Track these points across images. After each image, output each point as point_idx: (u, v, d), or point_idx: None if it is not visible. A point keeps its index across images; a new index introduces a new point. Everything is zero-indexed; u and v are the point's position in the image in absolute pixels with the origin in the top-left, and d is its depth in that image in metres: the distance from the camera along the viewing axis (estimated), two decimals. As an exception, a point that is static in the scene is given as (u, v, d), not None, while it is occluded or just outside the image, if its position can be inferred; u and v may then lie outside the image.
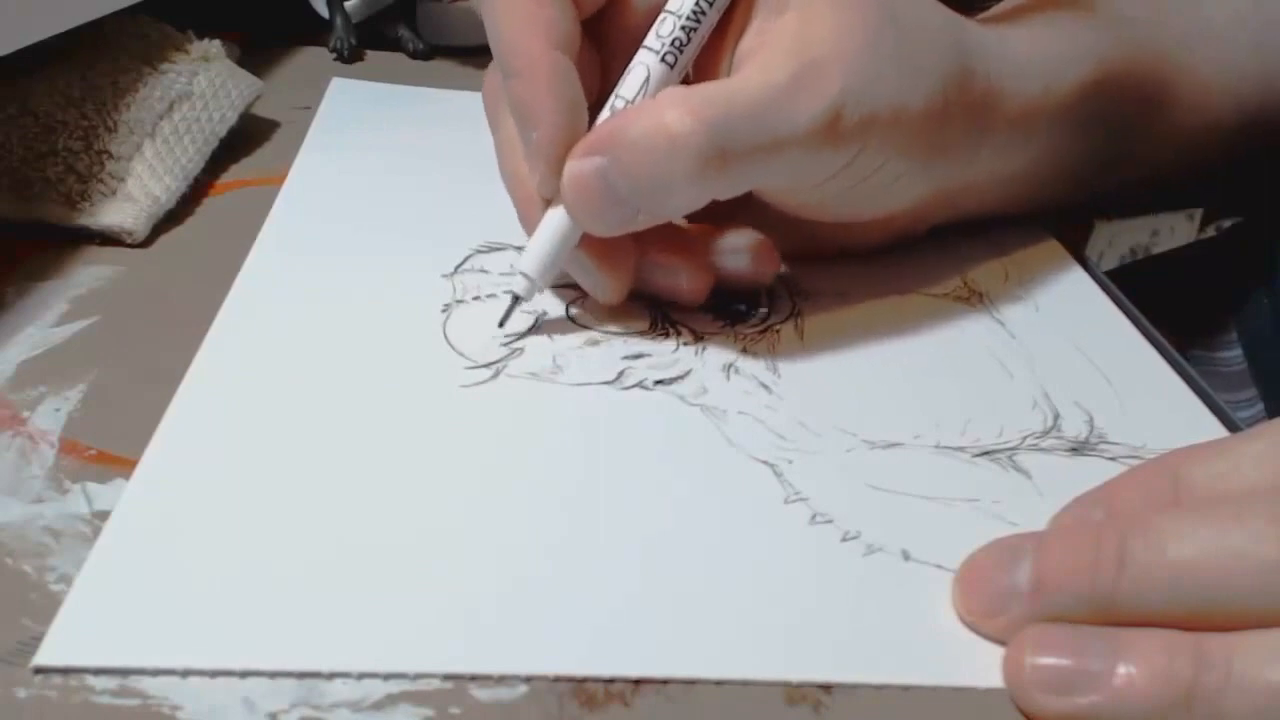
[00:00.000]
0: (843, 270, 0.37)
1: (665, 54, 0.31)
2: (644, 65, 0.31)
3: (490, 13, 0.31)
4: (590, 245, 0.32)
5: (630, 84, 0.31)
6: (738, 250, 0.34)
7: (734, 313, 0.34)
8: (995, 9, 0.39)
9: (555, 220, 0.31)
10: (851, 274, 0.37)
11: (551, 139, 0.30)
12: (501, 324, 0.32)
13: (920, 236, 0.38)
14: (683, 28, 0.31)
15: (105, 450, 0.27)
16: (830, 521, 0.27)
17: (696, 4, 0.31)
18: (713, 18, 0.31)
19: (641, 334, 0.33)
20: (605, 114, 0.31)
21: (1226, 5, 0.41)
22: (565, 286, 0.35)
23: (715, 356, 0.32)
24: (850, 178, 0.32)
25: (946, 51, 0.33)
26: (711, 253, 0.34)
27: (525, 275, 0.31)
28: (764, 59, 0.30)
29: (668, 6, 0.31)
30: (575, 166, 0.30)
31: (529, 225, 0.33)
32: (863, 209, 0.35)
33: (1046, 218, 0.41)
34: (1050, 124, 0.36)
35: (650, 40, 0.31)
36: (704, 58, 0.32)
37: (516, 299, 0.32)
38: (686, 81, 0.32)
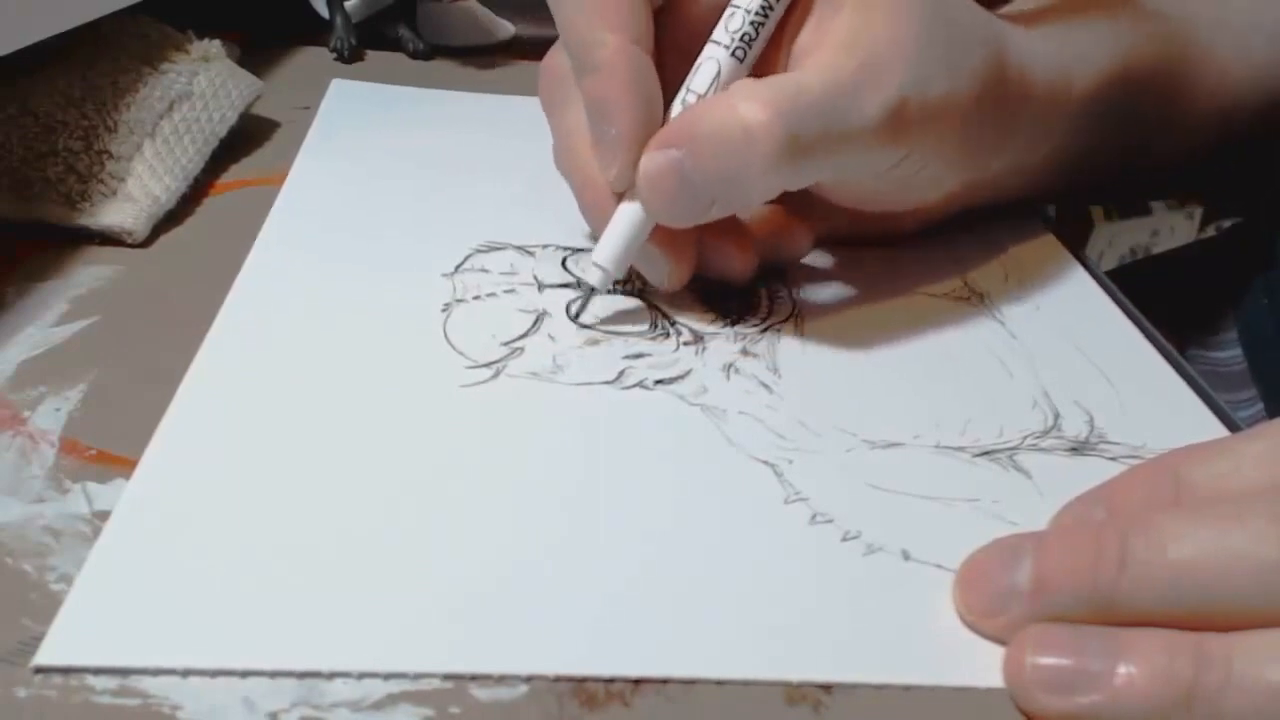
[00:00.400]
0: (843, 270, 0.37)
1: (735, 49, 0.31)
2: (714, 60, 0.31)
3: (562, 4, 0.31)
4: (658, 235, 0.32)
5: (701, 78, 0.31)
6: (778, 231, 0.35)
7: (734, 312, 0.34)
8: (1019, 3, 0.39)
9: (629, 213, 0.32)
10: (852, 274, 0.37)
11: (631, 135, 0.30)
12: (576, 316, 0.33)
13: (943, 223, 0.39)
14: (752, 23, 0.31)
15: (105, 450, 0.27)
16: (830, 521, 0.27)
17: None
18: (779, 12, 0.32)
19: (641, 334, 0.33)
20: (677, 108, 0.32)
21: None
22: (565, 286, 0.35)
23: (715, 356, 0.32)
24: (906, 169, 0.33)
25: (986, 44, 0.34)
26: (756, 233, 0.35)
27: (600, 267, 0.32)
28: (827, 54, 0.31)
29: (735, 1, 0.32)
30: (651, 160, 0.30)
31: (593, 214, 0.33)
32: (907, 199, 0.36)
33: (1063, 203, 0.42)
34: (1075, 113, 0.37)
35: (719, 34, 0.32)
36: (762, 54, 0.32)
37: (592, 290, 0.32)
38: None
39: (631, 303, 0.34)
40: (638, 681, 0.22)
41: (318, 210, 0.37)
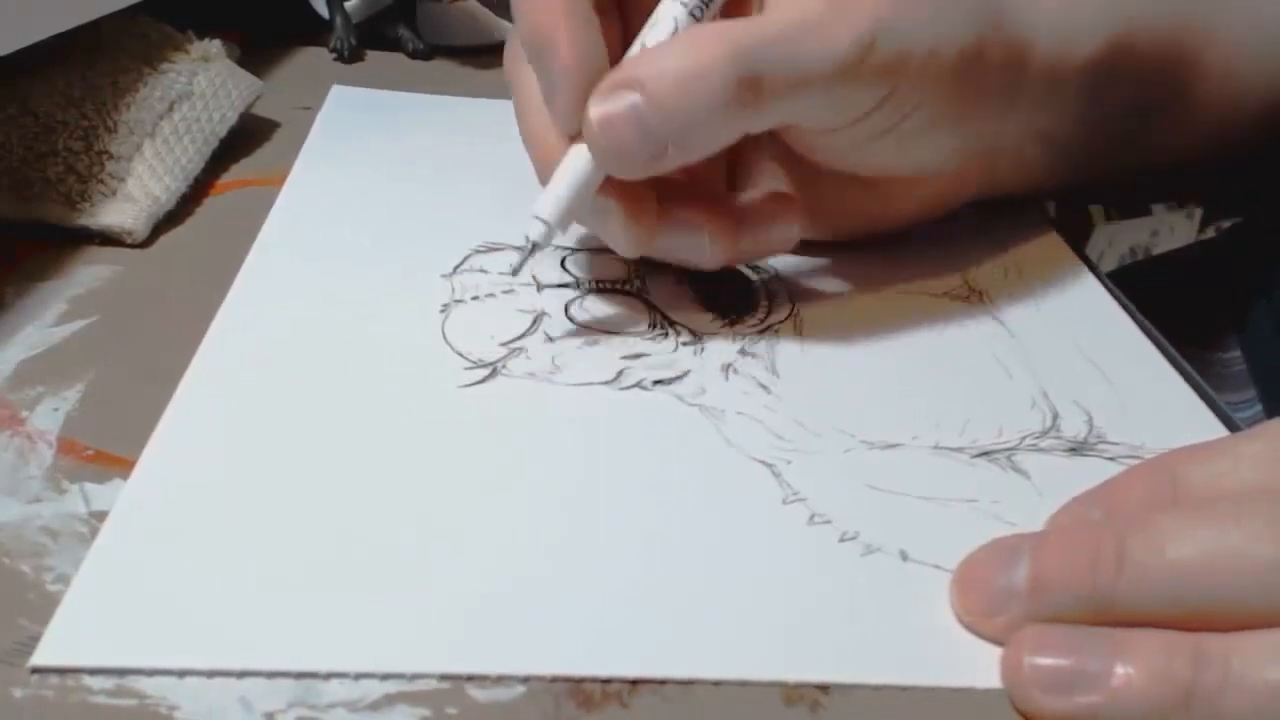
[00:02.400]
0: (842, 270, 0.37)
1: (694, 8, 0.30)
2: (671, 17, 0.30)
3: None
4: (612, 189, 0.31)
5: (657, 34, 0.30)
6: (762, 210, 0.34)
7: (733, 313, 0.34)
8: None
9: (575, 159, 0.30)
10: (850, 273, 0.37)
11: (572, 66, 0.29)
12: (515, 271, 0.31)
13: (952, 212, 0.37)
14: None
15: (103, 450, 0.27)
16: (829, 522, 0.27)
17: None
18: None
19: (640, 334, 0.33)
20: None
21: None
22: (564, 286, 0.35)
23: (714, 356, 0.32)
24: (884, 119, 0.32)
25: (981, 6, 0.33)
26: (737, 214, 0.33)
27: (541, 219, 0.30)
28: None
29: None
30: (602, 103, 0.29)
31: (543, 171, 0.32)
32: (896, 160, 0.34)
33: (1067, 200, 0.41)
34: (1079, 81, 0.36)
35: None
36: (730, 5, 0.32)
37: (534, 246, 0.31)
38: None
39: (630, 303, 0.34)
40: (635, 682, 0.22)
41: (317, 211, 0.37)
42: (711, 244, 0.33)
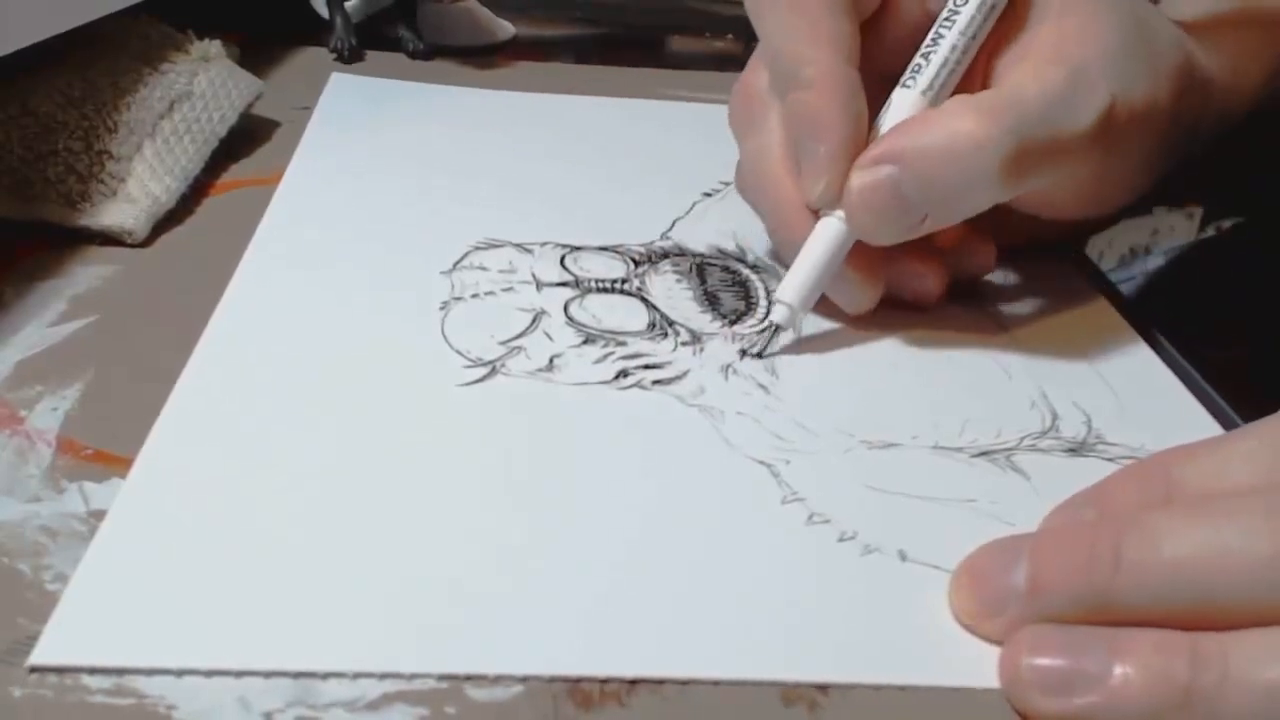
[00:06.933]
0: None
1: (924, 89, 0.32)
2: (909, 104, 0.32)
3: (773, 20, 0.32)
4: (852, 258, 0.32)
5: (894, 116, 0.32)
6: (967, 249, 0.35)
7: (732, 313, 0.34)
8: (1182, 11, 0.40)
9: (822, 241, 0.32)
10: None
11: (840, 152, 0.31)
12: (760, 355, 0.32)
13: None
14: (949, 70, 0.32)
15: (102, 449, 0.27)
16: (827, 522, 0.27)
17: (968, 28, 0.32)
18: (966, 62, 0.32)
19: (640, 334, 0.33)
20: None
21: None
22: (563, 284, 0.35)
23: (713, 357, 0.32)
24: (1110, 173, 0.33)
25: (1176, 49, 0.34)
26: (945, 253, 0.35)
27: (786, 303, 0.32)
28: (1031, 67, 0.32)
29: (923, 50, 0.32)
30: (865, 176, 0.31)
31: (784, 234, 0.33)
32: (1104, 204, 0.36)
33: None
34: (1243, 111, 0.38)
35: (910, 79, 0.32)
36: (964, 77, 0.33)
37: (776, 329, 0.32)
38: None
39: (630, 303, 0.34)
40: (633, 682, 0.22)
41: (315, 206, 0.37)
42: (935, 284, 0.34)
